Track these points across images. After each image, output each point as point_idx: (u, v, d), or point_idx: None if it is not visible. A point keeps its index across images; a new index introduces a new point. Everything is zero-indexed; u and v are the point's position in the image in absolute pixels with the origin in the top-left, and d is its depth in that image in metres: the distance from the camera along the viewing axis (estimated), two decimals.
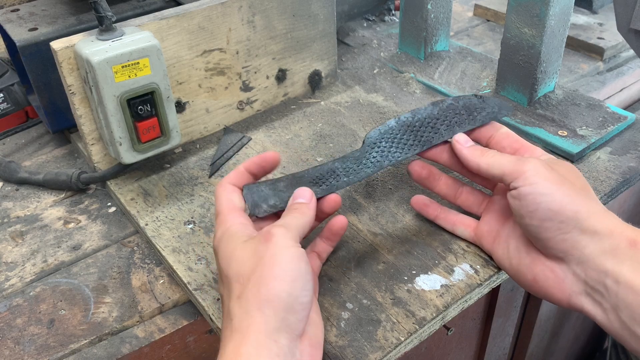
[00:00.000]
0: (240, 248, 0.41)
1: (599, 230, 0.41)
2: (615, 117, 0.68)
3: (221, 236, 0.43)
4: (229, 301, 0.40)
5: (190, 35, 0.63)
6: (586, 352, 1.34)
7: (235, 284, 0.40)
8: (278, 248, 0.40)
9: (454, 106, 0.53)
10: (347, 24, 0.97)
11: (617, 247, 0.40)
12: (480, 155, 0.49)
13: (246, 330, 0.37)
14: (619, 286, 0.39)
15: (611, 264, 0.40)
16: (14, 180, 0.67)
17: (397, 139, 0.52)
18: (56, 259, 0.57)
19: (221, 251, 0.43)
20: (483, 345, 0.87)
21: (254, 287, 0.38)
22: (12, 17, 0.68)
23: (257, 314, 0.37)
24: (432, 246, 0.53)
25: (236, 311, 0.38)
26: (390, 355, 0.44)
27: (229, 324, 0.39)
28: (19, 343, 0.48)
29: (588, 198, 0.43)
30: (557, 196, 0.42)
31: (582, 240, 0.41)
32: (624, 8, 0.61)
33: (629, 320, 0.39)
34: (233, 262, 0.41)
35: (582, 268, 0.42)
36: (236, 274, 0.40)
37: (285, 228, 0.42)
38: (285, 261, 0.39)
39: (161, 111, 0.58)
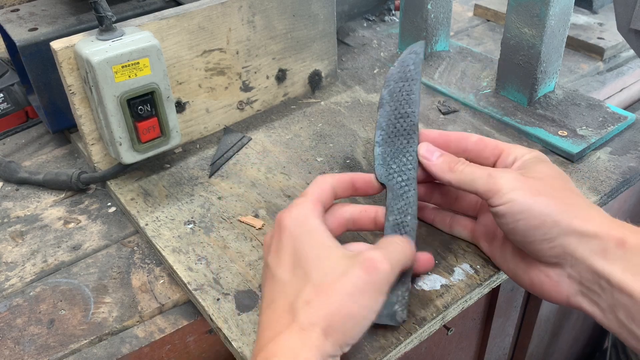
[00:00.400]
0: (336, 258, 0.40)
1: (585, 233, 0.40)
2: (615, 117, 0.68)
3: (301, 222, 0.42)
4: (296, 298, 0.38)
5: (190, 35, 0.63)
6: (586, 352, 1.34)
7: (310, 287, 0.39)
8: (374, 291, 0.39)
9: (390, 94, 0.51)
10: (347, 24, 0.97)
11: (606, 248, 0.40)
12: (448, 170, 0.46)
13: (307, 340, 0.37)
14: (612, 287, 0.39)
15: (602, 266, 0.39)
16: (14, 180, 0.67)
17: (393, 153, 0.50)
18: (56, 259, 0.57)
19: (306, 242, 0.41)
20: (483, 345, 0.87)
21: (328, 307, 0.37)
22: (12, 17, 0.68)
23: (320, 333, 0.37)
24: (432, 246, 0.53)
25: (302, 315, 0.37)
26: (390, 355, 0.44)
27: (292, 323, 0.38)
28: (19, 343, 0.48)
29: (569, 200, 0.42)
30: (534, 211, 0.41)
31: (570, 245, 0.41)
32: (624, 8, 0.61)
33: (626, 319, 0.39)
34: (322, 267, 0.39)
35: (576, 270, 0.41)
36: (318, 279, 0.39)
37: (391, 267, 0.40)
38: (371, 309, 0.39)
39: (161, 111, 0.58)
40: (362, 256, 0.40)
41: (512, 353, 1.02)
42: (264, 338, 0.38)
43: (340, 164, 0.65)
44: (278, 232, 0.43)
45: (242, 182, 0.63)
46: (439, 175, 0.47)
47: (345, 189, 0.48)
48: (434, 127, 0.70)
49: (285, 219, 0.43)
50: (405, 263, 0.43)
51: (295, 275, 0.40)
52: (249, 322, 0.47)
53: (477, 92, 0.75)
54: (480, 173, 0.44)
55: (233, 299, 0.49)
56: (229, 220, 0.58)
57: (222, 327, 0.47)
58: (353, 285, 0.38)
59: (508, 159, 0.47)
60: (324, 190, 0.46)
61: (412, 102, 0.50)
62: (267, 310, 0.40)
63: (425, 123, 0.71)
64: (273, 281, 0.41)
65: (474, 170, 0.45)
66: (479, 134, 0.68)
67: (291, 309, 0.38)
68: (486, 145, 0.48)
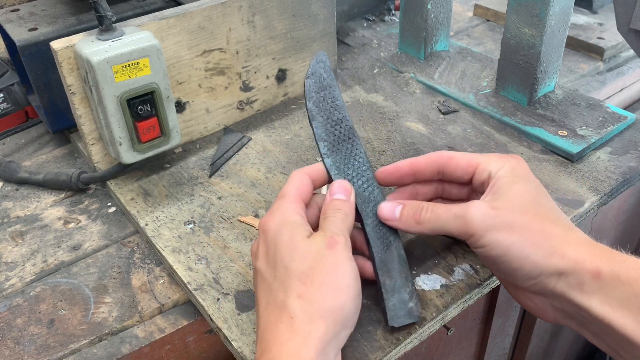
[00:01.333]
0: (305, 243, 0.41)
1: (562, 268, 0.40)
2: (615, 117, 0.68)
3: (280, 222, 0.43)
4: (287, 296, 0.39)
5: (190, 35, 0.63)
6: (586, 352, 1.34)
7: (296, 282, 0.40)
8: (342, 259, 0.41)
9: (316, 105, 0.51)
10: (347, 24, 0.97)
11: (582, 281, 0.39)
12: (416, 223, 0.45)
13: (308, 336, 0.37)
14: (593, 319, 0.39)
15: (581, 299, 0.39)
16: (14, 180, 0.67)
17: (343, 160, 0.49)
18: (56, 259, 0.57)
19: (281, 239, 0.42)
20: (483, 345, 0.87)
21: (318, 292, 0.39)
22: (12, 17, 0.68)
23: (320, 322, 0.38)
24: (432, 246, 0.53)
25: (298, 311, 0.38)
26: (390, 355, 0.44)
27: (288, 320, 0.38)
28: (19, 343, 0.48)
29: (546, 228, 0.41)
30: (512, 254, 0.40)
31: (549, 283, 0.40)
32: (624, 8, 0.61)
33: (614, 345, 0.39)
34: (297, 256, 0.41)
35: (559, 302, 0.41)
36: (298, 270, 0.40)
37: (345, 238, 0.42)
38: (348, 274, 0.40)
39: (161, 111, 0.58)
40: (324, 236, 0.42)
41: (512, 353, 1.02)
42: (265, 339, 0.39)
43: None
44: (263, 237, 0.44)
45: (242, 182, 0.63)
46: (409, 231, 0.46)
47: (322, 178, 0.48)
48: (433, 127, 0.70)
49: (267, 223, 0.44)
50: (348, 223, 0.44)
51: (278, 272, 0.41)
52: (249, 322, 0.47)
53: (477, 92, 0.75)
54: (446, 216, 0.43)
55: (233, 299, 0.49)
56: (229, 220, 0.58)
57: (222, 327, 0.47)
58: (326, 262, 0.40)
59: (482, 175, 0.46)
60: (301, 186, 0.46)
61: (339, 108, 0.51)
62: (265, 313, 0.41)
63: (425, 123, 0.71)
64: (264, 284, 0.42)
65: (439, 215, 0.44)
66: (479, 133, 0.68)
67: (284, 307, 0.39)
68: (458, 165, 0.47)
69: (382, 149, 0.67)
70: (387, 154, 0.66)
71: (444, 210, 0.44)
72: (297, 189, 0.46)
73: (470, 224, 0.41)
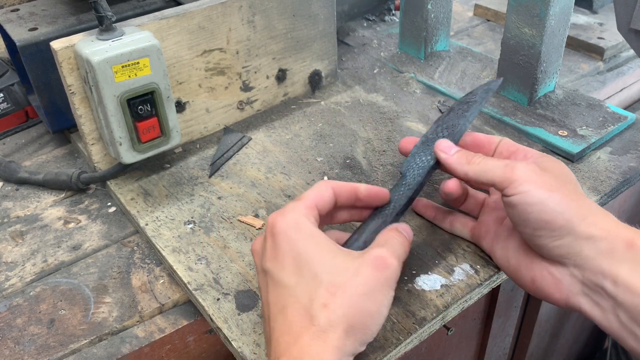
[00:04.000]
0: (342, 259, 0.40)
1: (594, 234, 0.41)
2: (616, 117, 0.68)
3: (294, 225, 0.41)
4: (311, 303, 0.38)
5: (190, 35, 0.63)
6: (586, 352, 1.34)
7: (324, 291, 0.39)
8: (386, 286, 0.40)
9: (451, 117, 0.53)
10: (347, 23, 0.97)
11: (614, 248, 0.40)
12: (466, 162, 0.47)
13: (328, 342, 0.37)
14: (617, 287, 0.39)
15: (608, 266, 0.40)
16: (14, 180, 0.67)
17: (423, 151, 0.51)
18: (56, 259, 0.57)
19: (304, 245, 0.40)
20: (483, 345, 0.87)
21: (347, 307, 0.38)
22: (12, 17, 0.68)
23: (341, 334, 0.38)
24: (432, 246, 0.53)
25: (321, 318, 0.38)
26: (390, 355, 0.44)
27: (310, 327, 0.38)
28: (19, 343, 0.48)
29: (580, 201, 0.43)
30: (547, 205, 0.41)
31: (577, 245, 0.41)
32: (624, 8, 0.61)
33: (627, 321, 0.39)
34: (331, 269, 0.39)
35: (580, 270, 0.41)
36: (330, 281, 0.39)
37: (398, 263, 0.41)
38: (385, 304, 0.39)
39: (161, 111, 0.58)
40: (371, 254, 0.40)
41: (512, 353, 1.02)
42: (283, 343, 0.38)
43: (340, 164, 0.65)
44: (271, 236, 0.42)
45: (242, 182, 0.63)
46: (457, 168, 0.47)
47: (347, 197, 0.47)
48: None
49: (278, 223, 0.41)
50: (405, 254, 0.43)
51: (303, 279, 0.40)
52: (249, 322, 0.47)
53: None
54: (497, 163, 0.45)
55: (233, 298, 0.49)
56: (229, 220, 0.58)
57: (222, 327, 0.47)
58: (366, 284, 0.39)
59: (518, 158, 0.49)
60: (321, 196, 0.45)
61: (461, 117, 0.53)
62: (280, 316, 0.39)
63: (425, 123, 0.71)
64: (278, 287, 0.40)
65: (490, 161, 0.46)
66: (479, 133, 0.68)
67: (307, 313, 0.38)
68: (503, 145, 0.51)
69: (382, 149, 0.67)
70: (387, 154, 0.66)
71: (495, 159, 0.46)
72: (316, 196, 0.44)
73: (516, 171, 0.43)
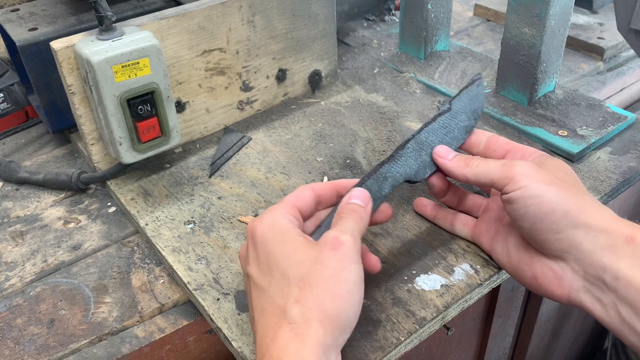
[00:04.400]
0: (303, 250, 0.40)
1: (593, 227, 0.41)
2: (616, 117, 0.68)
3: (269, 227, 0.42)
4: (285, 302, 0.39)
5: (190, 35, 0.63)
6: (586, 352, 1.34)
7: (294, 287, 0.39)
8: (346, 262, 0.39)
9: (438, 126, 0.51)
10: (347, 23, 0.97)
11: (614, 243, 0.40)
12: (465, 166, 0.48)
13: (306, 339, 0.37)
14: (618, 282, 0.39)
15: (609, 260, 0.40)
16: (14, 180, 0.67)
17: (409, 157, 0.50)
18: (56, 259, 0.57)
19: (274, 244, 0.41)
20: (483, 345, 0.87)
21: (317, 297, 0.38)
22: (12, 17, 0.68)
23: (318, 326, 0.37)
24: (432, 246, 0.53)
25: (297, 316, 0.38)
26: (390, 355, 0.44)
27: (287, 326, 0.38)
28: (19, 343, 0.48)
29: (579, 194, 0.43)
30: (546, 197, 0.42)
31: (577, 238, 0.41)
32: (624, 8, 0.61)
33: (628, 316, 0.39)
34: (294, 262, 0.40)
35: (580, 265, 0.42)
36: (297, 276, 0.39)
37: (353, 237, 0.41)
38: (351, 280, 0.39)
39: (161, 111, 0.58)
40: (324, 238, 0.41)
41: (512, 353, 1.02)
42: (264, 345, 0.39)
43: (340, 164, 0.65)
44: (252, 241, 0.42)
45: (242, 182, 0.63)
46: (456, 172, 0.48)
47: (330, 195, 0.47)
48: None
49: (256, 228, 0.42)
50: (362, 226, 0.43)
51: (275, 279, 0.40)
52: (249, 322, 0.47)
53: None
54: (495, 163, 0.46)
55: (233, 298, 0.49)
56: (229, 220, 0.58)
57: (222, 327, 0.47)
58: (326, 266, 0.39)
59: (516, 156, 0.49)
60: (301, 196, 0.45)
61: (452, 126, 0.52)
62: (261, 319, 0.40)
63: None
64: (258, 290, 0.41)
65: (488, 162, 0.47)
66: None
67: (282, 312, 0.39)
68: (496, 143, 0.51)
69: (382, 149, 0.67)
70: (387, 153, 0.66)
71: (492, 160, 0.47)
72: (296, 197, 0.45)
73: (514, 168, 0.44)
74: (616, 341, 1.24)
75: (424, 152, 0.50)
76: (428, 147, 0.50)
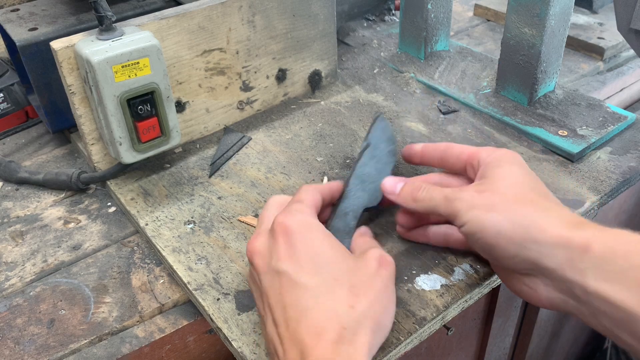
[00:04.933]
0: (348, 257, 0.42)
1: (545, 243, 0.39)
2: (616, 117, 0.68)
3: (307, 226, 0.42)
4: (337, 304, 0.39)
5: (190, 35, 0.63)
6: (586, 352, 1.34)
7: (346, 292, 0.40)
8: (392, 280, 0.43)
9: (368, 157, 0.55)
10: (347, 23, 0.97)
11: (572, 257, 0.38)
12: (412, 200, 0.47)
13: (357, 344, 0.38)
14: (589, 296, 0.38)
15: (573, 275, 0.38)
16: (14, 180, 0.67)
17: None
18: (56, 259, 0.57)
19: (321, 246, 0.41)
20: (483, 345, 0.87)
21: (371, 306, 0.39)
22: (12, 17, 0.68)
23: (369, 333, 0.39)
24: (432, 246, 0.53)
25: (350, 321, 0.38)
26: (390, 355, 0.44)
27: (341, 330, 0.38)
28: (19, 343, 0.48)
29: (525, 206, 0.41)
30: (487, 231, 0.41)
31: (532, 258, 0.40)
32: (624, 8, 0.61)
33: (610, 326, 0.38)
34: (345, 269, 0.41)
35: (550, 279, 0.40)
36: (348, 282, 0.40)
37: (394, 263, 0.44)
38: (394, 299, 0.43)
39: (161, 111, 0.58)
40: (374, 254, 0.43)
41: (512, 353, 1.02)
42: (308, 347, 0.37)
43: (340, 164, 0.65)
44: (285, 236, 0.41)
45: (242, 182, 0.63)
46: (407, 206, 0.48)
47: (331, 197, 0.50)
48: (434, 127, 0.70)
49: (291, 223, 0.42)
50: None
51: (324, 280, 0.40)
52: (249, 322, 0.47)
53: (477, 92, 0.75)
54: (439, 197, 0.45)
55: (233, 299, 0.49)
56: (229, 220, 0.58)
57: (222, 327, 0.47)
58: (381, 282, 0.41)
59: (474, 164, 0.48)
60: (315, 198, 0.47)
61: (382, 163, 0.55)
62: (302, 318, 0.38)
63: (425, 123, 0.71)
64: (297, 288, 0.40)
65: (432, 196, 0.46)
66: (479, 133, 0.68)
67: (334, 315, 0.38)
68: (452, 154, 0.50)
69: None
70: None
71: (437, 192, 0.46)
72: (312, 198, 0.46)
73: (455, 204, 0.43)
74: None
75: (367, 182, 0.52)
76: (368, 177, 0.53)
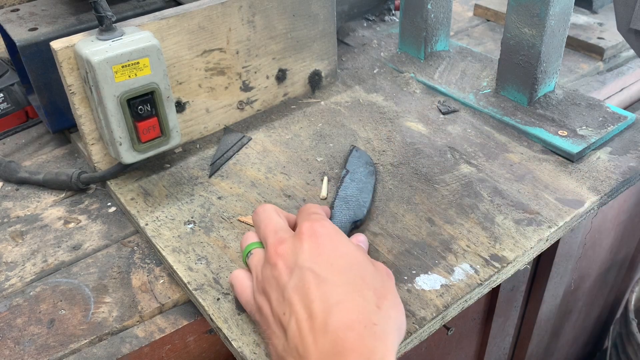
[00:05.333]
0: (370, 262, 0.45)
1: None
2: (615, 117, 0.68)
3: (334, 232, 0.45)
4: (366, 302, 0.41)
5: (190, 35, 0.63)
6: (586, 352, 1.34)
7: (372, 292, 0.42)
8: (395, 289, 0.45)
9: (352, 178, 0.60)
10: (347, 24, 0.97)
11: None
12: None
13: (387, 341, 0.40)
14: None
15: None
16: (14, 180, 0.67)
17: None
18: (56, 259, 0.57)
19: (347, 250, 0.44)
20: (483, 345, 0.87)
21: (394, 308, 0.42)
22: (12, 17, 0.68)
23: (396, 334, 0.41)
24: (432, 246, 0.53)
25: (379, 319, 0.40)
26: None
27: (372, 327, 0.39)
28: (19, 343, 0.48)
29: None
30: None
31: None
32: (624, 8, 0.61)
33: None
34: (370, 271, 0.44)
35: None
36: (373, 284, 0.43)
37: None
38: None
39: (161, 111, 0.58)
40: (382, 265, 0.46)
41: (512, 353, 1.02)
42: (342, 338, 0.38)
43: (340, 164, 0.65)
44: (312, 238, 0.44)
45: (242, 182, 0.63)
46: None
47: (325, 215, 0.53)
48: (433, 127, 0.70)
49: (320, 227, 0.45)
50: None
51: (351, 279, 0.42)
52: (249, 322, 0.47)
53: (477, 92, 0.75)
54: None
55: (233, 298, 0.49)
56: (229, 220, 0.58)
57: (222, 327, 0.47)
58: (394, 288, 0.44)
59: None
60: (326, 211, 0.51)
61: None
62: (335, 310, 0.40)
63: (425, 123, 0.71)
64: (326, 283, 0.41)
65: None
66: (479, 133, 0.68)
67: (364, 311, 0.40)
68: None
69: (382, 149, 0.67)
70: (387, 153, 0.66)
71: None
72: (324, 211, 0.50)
73: None
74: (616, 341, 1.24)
75: (350, 202, 0.57)
76: (351, 197, 0.57)
